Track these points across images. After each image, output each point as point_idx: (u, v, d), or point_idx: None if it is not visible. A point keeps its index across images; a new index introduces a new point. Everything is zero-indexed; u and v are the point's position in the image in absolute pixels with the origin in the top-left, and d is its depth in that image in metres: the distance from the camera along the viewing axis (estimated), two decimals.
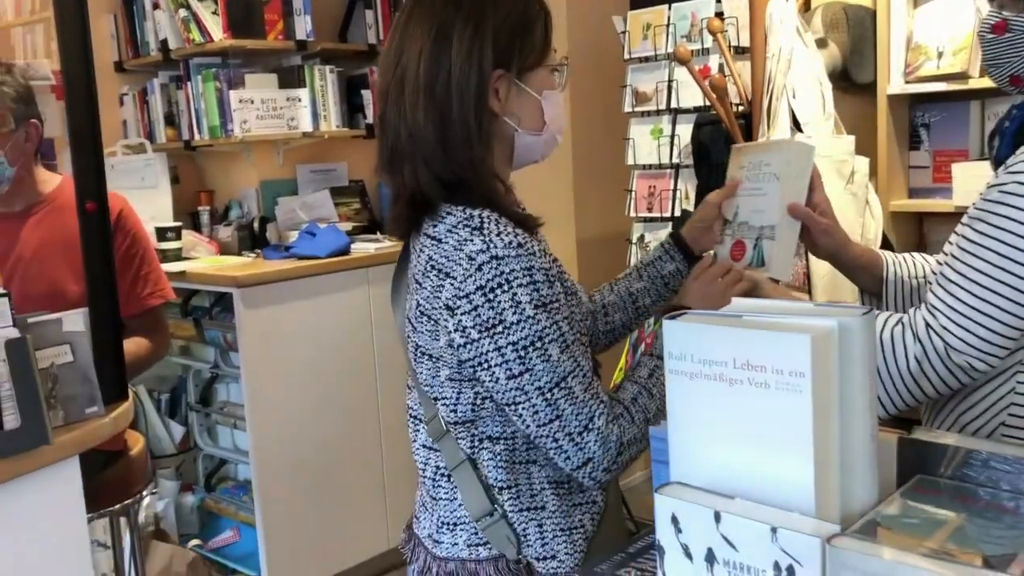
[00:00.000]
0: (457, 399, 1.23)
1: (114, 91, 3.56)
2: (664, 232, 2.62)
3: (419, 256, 1.24)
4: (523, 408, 1.18)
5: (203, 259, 3.24)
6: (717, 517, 0.83)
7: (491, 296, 1.15)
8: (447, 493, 1.28)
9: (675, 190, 2.59)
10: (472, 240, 1.17)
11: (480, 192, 1.22)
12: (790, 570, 0.78)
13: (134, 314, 2.22)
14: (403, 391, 1.41)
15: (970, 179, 2.12)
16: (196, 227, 3.50)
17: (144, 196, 3.37)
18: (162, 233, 3.19)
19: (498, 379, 1.17)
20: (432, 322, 1.20)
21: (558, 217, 3.35)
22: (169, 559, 3.07)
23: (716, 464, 0.90)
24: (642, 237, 2.69)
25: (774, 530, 0.79)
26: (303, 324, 2.98)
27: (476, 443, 1.24)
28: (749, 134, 2.21)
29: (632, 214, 2.72)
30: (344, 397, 3.06)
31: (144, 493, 2.32)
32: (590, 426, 1.19)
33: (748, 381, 0.86)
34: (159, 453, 3.39)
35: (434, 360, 1.23)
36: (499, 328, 1.15)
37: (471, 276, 1.15)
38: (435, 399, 1.25)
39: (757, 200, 1.31)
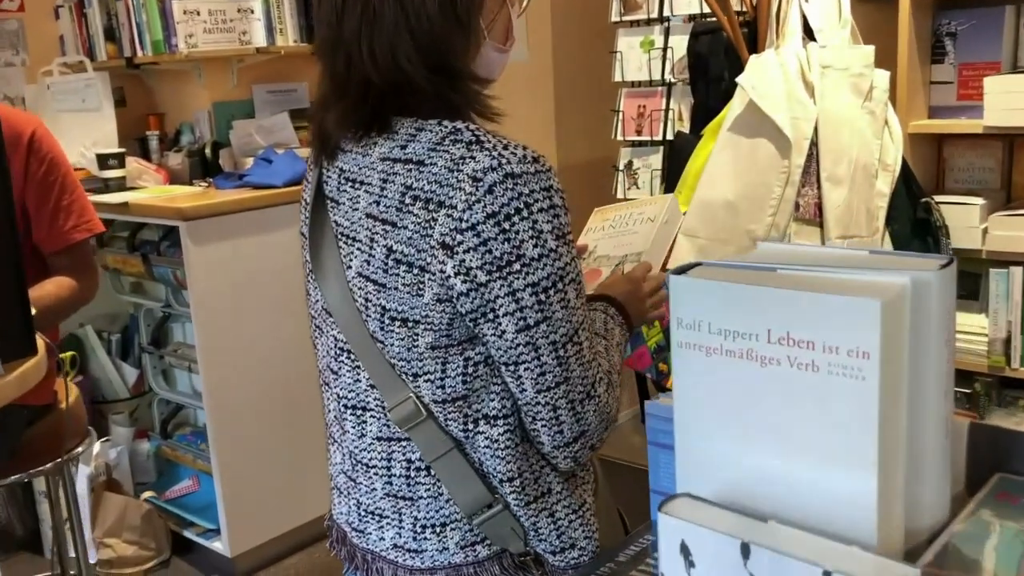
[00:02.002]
0: (444, 371, 0.99)
1: (48, 2, 3.23)
2: (655, 157, 2.37)
3: (384, 188, 0.98)
4: (526, 368, 0.97)
5: (150, 189, 2.97)
6: (745, 551, 0.60)
7: (507, 225, 0.92)
8: (428, 490, 1.05)
9: (667, 110, 2.33)
10: (474, 157, 0.94)
11: (465, 89, 1.01)
12: None
13: (57, 250, 1.97)
14: None
15: (1005, 96, 1.87)
16: (145, 153, 3.21)
17: (85, 120, 3.10)
18: (103, 160, 2.91)
19: (504, 332, 0.95)
20: (415, 271, 0.96)
21: (537, 140, 3.08)
22: (122, 511, 2.89)
23: (740, 471, 0.67)
24: (630, 163, 2.43)
25: (827, 575, 0.56)
26: (258, 259, 2.73)
27: (471, 425, 1.01)
28: (754, 44, 1.94)
29: (619, 137, 2.46)
30: (304, 337, 2.82)
31: (80, 448, 2.09)
32: (592, 393, 1.01)
33: (789, 361, 0.63)
34: (111, 397, 3.17)
35: (411, 325, 0.98)
36: (516, 266, 0.93)
37: (479, 202, 0.92)
38: (414, 376, 1.01)
39: (624, 238, 1.33)
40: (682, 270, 0.69)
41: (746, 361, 0.65)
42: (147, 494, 3.02)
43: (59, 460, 2.00)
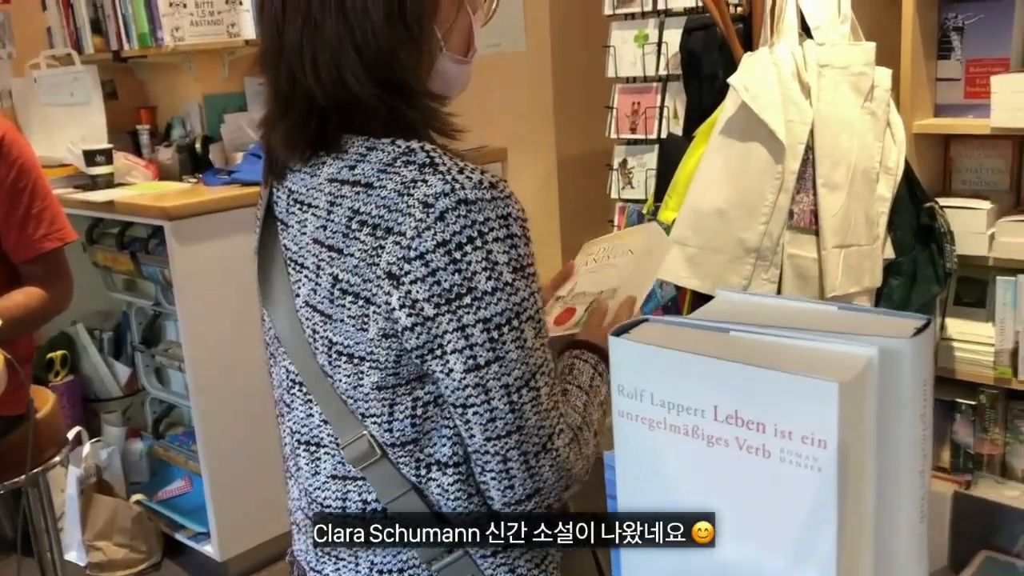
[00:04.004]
0: (391, 414, 0.92)
1: None
2: (649, 156, 2.28)
3: (331, 212, 0.91)
4: (475, 412, 0.89)
5: (138, 185, 2.91)
6: None
7: (458, 255, 0.85)
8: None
9: (662, 107, 2.24)
10: (425, 180, 0.86)
11: (421, 106, 0.93)
12: None
13: (28, 259, 1.91)
14: None
15: (1012, 95, 1.78)
16: (136, 148, 3.15)
17: (74, 114, 3.04)
18: (90, 157, 2.85)
19: (452, 370, 0.88)
20: (360, 303, 0.89)
21: (536, 133, 3.00)
22: (112, 514, 2.85)
23: (686, 560, 0.60)
24: (624, 162, 2.35)
25: None
26: (246, 258, 2.63)
27: (423, 471, 0.94)
28: (748, 40, 1.85)
29: (613, 135, 2.37)
30: None
31: (57, 458, 2.05)
32: (549, 446, 0.91)
33: (737, 443, 0.55)
34: (103, 396, 3.14)
35: (357, 362, 0.91)
36: (467, 299, 0.85)
37: (429, 229, 0.85)
38: (362, 416, 0.94)
39: (603, 273, 1.26)
40: (624, 329, 0.62)
41: (691, 439, 0.57)
42: (135, 497, 2.98)
43: (36, 470, 1.96)
